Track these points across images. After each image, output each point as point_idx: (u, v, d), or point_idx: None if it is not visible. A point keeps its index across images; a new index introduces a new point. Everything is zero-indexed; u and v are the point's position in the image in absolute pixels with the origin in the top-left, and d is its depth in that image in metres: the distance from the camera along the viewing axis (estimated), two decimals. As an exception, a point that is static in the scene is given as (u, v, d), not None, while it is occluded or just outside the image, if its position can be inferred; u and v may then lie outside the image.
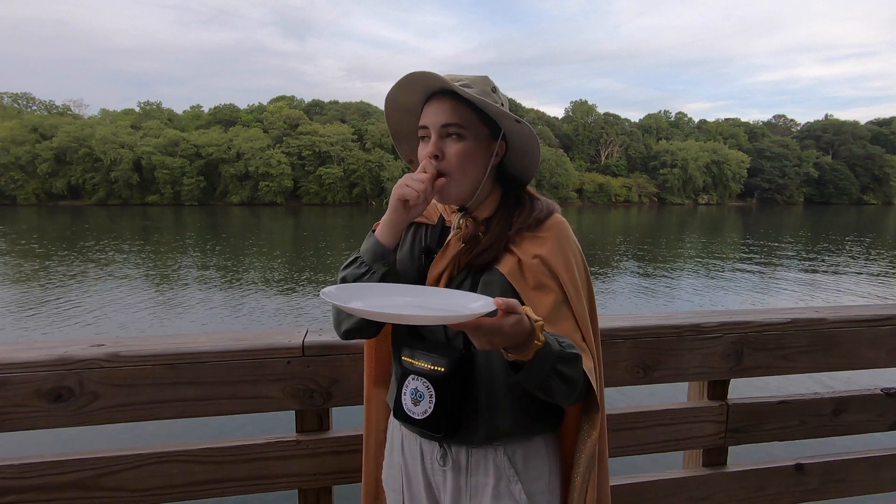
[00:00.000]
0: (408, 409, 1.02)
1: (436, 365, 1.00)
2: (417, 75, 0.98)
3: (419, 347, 1.04)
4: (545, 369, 0.88)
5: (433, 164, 1.02)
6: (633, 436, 1.48)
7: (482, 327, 0.79)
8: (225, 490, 1.31)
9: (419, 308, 0.90)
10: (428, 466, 1.10)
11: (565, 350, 0.92)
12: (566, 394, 0.94)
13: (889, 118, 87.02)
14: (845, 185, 76.51)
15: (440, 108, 1.02)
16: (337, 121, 62.83)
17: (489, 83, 1.05)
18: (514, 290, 1.02)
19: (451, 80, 0.99)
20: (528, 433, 1.06)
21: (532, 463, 1.06)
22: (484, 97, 0.99)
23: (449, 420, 0.99)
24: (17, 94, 66.77)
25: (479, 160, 1.05)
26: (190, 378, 1.24)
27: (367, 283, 1.01)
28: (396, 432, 1.16)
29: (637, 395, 4.38)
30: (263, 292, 11.43)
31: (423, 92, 1.04)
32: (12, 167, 50.85)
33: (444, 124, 1.01)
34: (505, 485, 1.04)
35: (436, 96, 1.03)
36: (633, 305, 10.67)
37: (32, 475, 1.22)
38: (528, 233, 1.06)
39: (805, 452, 1.72)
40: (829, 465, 1.65)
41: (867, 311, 1.61)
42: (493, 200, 1.11)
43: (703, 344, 1.48)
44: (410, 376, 1.03)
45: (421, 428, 1.02)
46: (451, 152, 1.02)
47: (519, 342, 0.83)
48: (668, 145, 72.53)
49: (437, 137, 1.02)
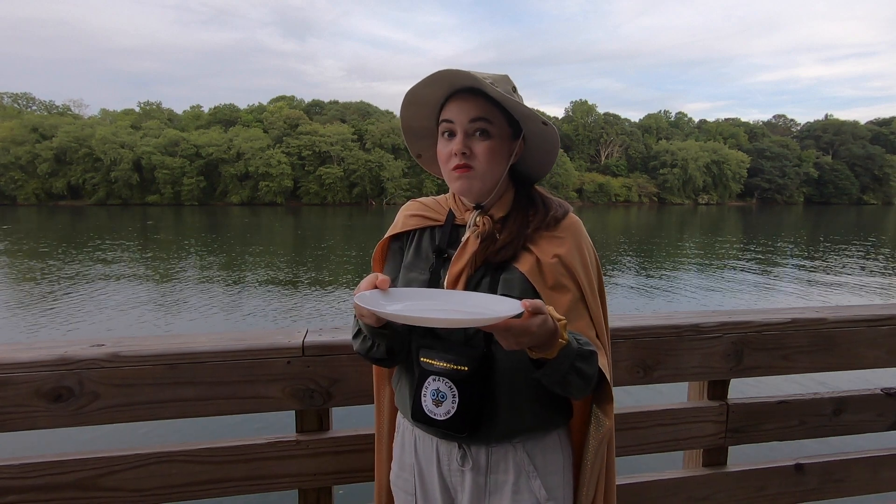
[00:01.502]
0: (428, 410, 1.01)
1: (458, 364, 0.99)
2: (450, 72, 0.97)
3: (438, 348, 1.03)
4: (565, 366, 0.92)
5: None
6: (633, 436, 1.48)
7: (512, 329, 0.82)
8: (225, 490, 1.31)
9: (449, 312, 0.91)
10: (444, 467, 1.09)
11: (583, 347, 0.95)
12: (582, 388, 0.97)
13: (889, 118, 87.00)
14: (845, 185, 76.52)
15: (467, 104, 1.02)
16: (337, 121, 62.85)
17: (510, 82, 1.04)
18: (534, 288, 1.02)
19: (473, 72, 0.98)
20: (546, 428, 1.08)
21: (549, 458, 1.08)
22: (507, 96, 0.99)
23: (472, 419, 0.99)
24: (17, 94, 66.88)
25: (503, 158, 1.06)
26: (190, 378, 1.24)
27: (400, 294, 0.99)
28: (408, 434, 1.15)
29: (637, 395, 4.39)
30: (263, 292, 11.43)
31: (445, 87, 1.04)
32: (12, 167, 50.88)
33: (472, 119, 1.01)
34: (525, 481, 1.05)
35: (461, 93, 1.03)
36: (634, 305, 10.67)
37: (32, 475, 1.22)
38: (545, 232, 1.07)
39: (805, 452, 1.72)
40: (829, 465, 1.65)
41: (867, 311, 1.61)
42: (507, 198, 1.11)
43: (703, 344, 1.48)
44: (431, 377, 1.01)
45: (443, 429, 1.01)
46: (479, 150, 1.03)
47: (544, 341, 0.87)
48: (668, 145, 72.53)
49: (464, 135, 1.03)
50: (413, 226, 1.16)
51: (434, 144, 1.12)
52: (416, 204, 1.21)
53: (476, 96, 1.02)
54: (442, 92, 1.05)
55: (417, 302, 0.94)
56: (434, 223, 1.15)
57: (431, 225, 1.15)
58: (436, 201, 1.19)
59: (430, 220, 1.15)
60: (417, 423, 1.04)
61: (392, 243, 1.20)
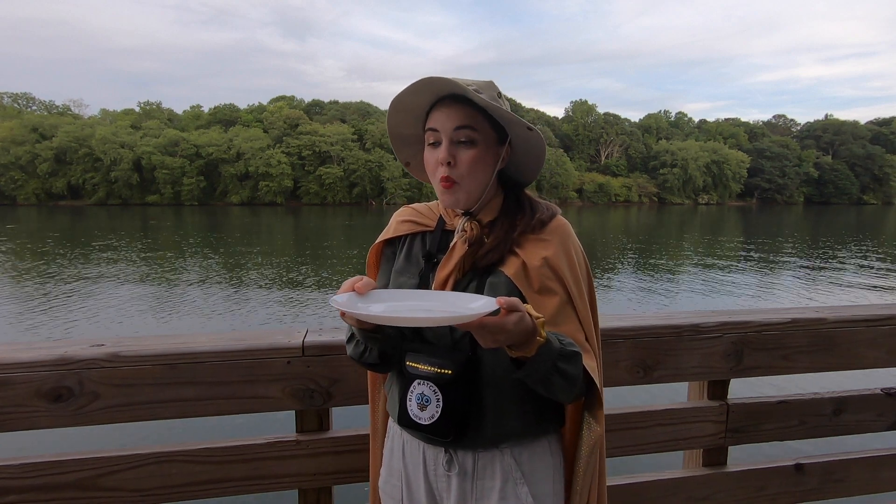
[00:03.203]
0: (413, 414, 1.01)
1: (442, 368, 0.99)
2: (433, 80, 0.97)
3: (424, 352, 1.03)
4: (547, 365, 0.91)
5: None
6: (633, 436, 1.48)
7: (486, 326, 0.82)
8: (224, 490, 1.31)
9: (424, 311, 0.91)
10: (430, 473, 1.08)
11: (566, 347, 0.94)
12: (566, 390, 0.96)
13: (889, 118, 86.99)
14: (845, 185, 76.54)
15: (452, 112, 1.02)
16: (337, 121, 62.87)
17: (495, 88, 1.04)
18: (520, 291, 1.02)
19: (457, 79, 0.98)
20: (534, 435, 1.07)
21: (537, 465, 1.07)
22: (492, 102, 0.99)
23: (457, 424, 0.99)
24: (17, 94, 66.88)
25: (489, 165, 1.06)
26: (190, 378, 1.24)
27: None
28: (397, 438, 1.15)
29: (637, 396, 4.39)
30: (264, 292, 11.43)
31: (430, 95, 1.04)
32: (12, 167, 50.92)
33: (457, 127, 1.01)
34: (511, 487, 1.04)
35: (445, 101, 1.03)
36: (634, 305, 10.67)
37: (32, 475, 1.22)
38: (532, 235, 1.07)
39: (805, 452, 1.72)
40: (829, 465, 1.65)
41: (867, 311, 1.61)
42: (496, 203, 1.12)
43: (703, 344, 1.48)
44: (416, 381, 1.01)
45: (428, 434, 1.01)
46: (463, 159, 1.03)
47: (522, 339, 0.86)
48: (668, 145, 72.55)
49: (449, 143, 1.03)
50: (405, 231, 1.17)
51: (422, 150, 1.12)
52: (408, 210, 1.22)
53: (461, 103, 1.02)
54: (427, 99, 1.05)
55: (396, 303, 0.94)
56: (425, 229, 1.16)
57: (422, 230, 1.16)
58: (428, 207, 1.20)
59: (421, 226, 1.16)
60: (404, 427, 1.05)
61: (385, 248, 1.21)
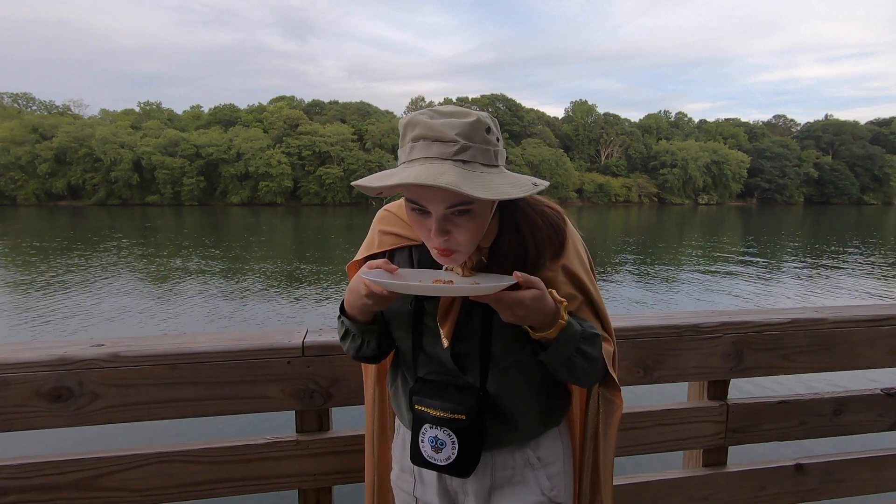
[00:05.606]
0: (428, 456, 1.00)
1: (455, 413, 0.98)
2: (415, 176, 0.80)
3: (430, 395, 1.01)
4: (570, 347, 0.93)
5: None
6: (633, 436, 1.48)
7: (504, 300, 0.84)
8: (224, 490, 1.31)
9: (444, 286, 0.86)
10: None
11: (586, 329, 0.97)
12: (588, 372, 0.98)
13: (889, 118, 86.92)
14: (845, 185, 76.51)
15: (440, 193, 0.85)
16: (337, 121, 62.88)
17: (483, 125, 0.86)
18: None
19: (440, 126, 0.84)
20: (547, 428, 1.10)
21: (550, 450, 1.10)
22: (482, 145, 0.86)
23: (475, 461, 1.00)
24: (17, 94, 66.95)
25: (486, 219, 0.92)
26: (190, 378, 1.24)
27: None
28: (408, 434, 1.14)
29: (637, 395, 4.39)
30: (264, 292, 11.43)
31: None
32: (12, 167, 50.93)
33: (449, 206, 0.86)
34: (530, 472, 1.07)
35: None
36: (634, 305, 10.66)
37: (32, 475, 1.22)
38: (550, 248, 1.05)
39: (805, 452, 1.72)
40: (829, 465, 1.65)
41: (867, 311, 1.60)
42: (493, 225, 1.00)
43: (703, 344, 1.48)
44: (426, 424, 1.00)
45: (445, 473, 1.01)
46: (459, 231, 0.89)
47: (544, 320, 0.89)
48: (668, 145, 72.51)
49: (441, 217, 0.88)
50: (389, 245, 1.07)
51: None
52: (391, 217, 1.09)
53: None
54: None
55: (418, 280, 0.94)
56: (412, 243, 1.05)
57: (409, 245, 1.06)
58: None
59: (408, 240, 1.05)
60: (420, 466, 1.04)
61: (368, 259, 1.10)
